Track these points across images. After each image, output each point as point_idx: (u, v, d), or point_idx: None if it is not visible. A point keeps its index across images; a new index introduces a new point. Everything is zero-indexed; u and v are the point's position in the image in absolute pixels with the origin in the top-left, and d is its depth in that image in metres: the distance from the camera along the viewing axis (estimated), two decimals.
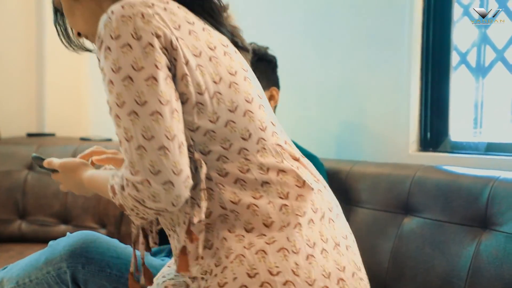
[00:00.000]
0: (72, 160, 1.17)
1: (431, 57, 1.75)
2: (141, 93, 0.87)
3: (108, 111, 0.92)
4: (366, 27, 1.84)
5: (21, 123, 2.89)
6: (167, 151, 0.87)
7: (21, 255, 2.14)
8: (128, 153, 0.88)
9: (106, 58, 0.90)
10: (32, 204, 2.43)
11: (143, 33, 0.89)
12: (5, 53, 2.76)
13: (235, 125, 0.96)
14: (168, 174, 0.86)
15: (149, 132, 0.87)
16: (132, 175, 0.87)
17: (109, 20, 0.90)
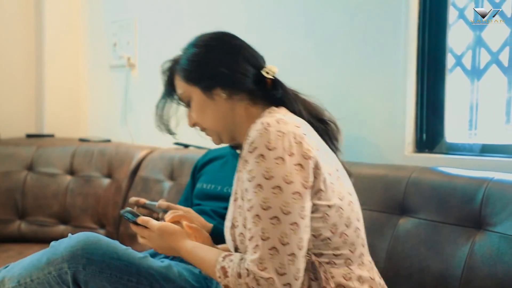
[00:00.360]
0: (172, 225, 1.22)
1: (427, 60, 1.76)
2: (287, 204, 1.01)
3: (247, 206, 1.04)
4: (363, 30, 1.86)
5: (20, 124, 2.91)
6: (295, 258, 1.01)
7: (20, 255, 2.15)
8: (259, 250, 1.01)
9: (258, 164, 1.03)
10: (31, 204, 2.45)
11: (295, 152, 1.04)
12: (5, 54, 2.78)
13: (347, 238, 1.10)
14: (291, 278, 1.01)
15: (286, 238, 1.01)
16: (259, 270, 1.00)
17: (265, 131, 1.04)
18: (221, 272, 1.06)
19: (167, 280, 1.39)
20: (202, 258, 1.13)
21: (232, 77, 1.17)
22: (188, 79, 1.21)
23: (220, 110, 1.19)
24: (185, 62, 1.21)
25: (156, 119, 1.37)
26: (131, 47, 2.76)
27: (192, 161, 2.12)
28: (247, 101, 1.19)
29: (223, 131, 1.22)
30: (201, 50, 1.21)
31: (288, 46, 2.09)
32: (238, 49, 1.20)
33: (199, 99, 1.20)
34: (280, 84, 1.21)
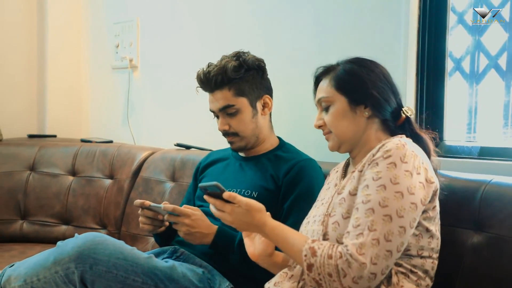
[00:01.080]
0: (258, 202, 1.27)
1: (427, 63, 1.78)
2: (403, 209, 1.13)
3: (363, 199, 1.16)
4: (363, 34, 1.88)
5: (22, 124, 2.93)
6: (390, 256, 1.11)
7: (23, 255, 2.17)
8: (362, 237, 1.11)
9: (388, 169, 1.16)
10: (33, 204, 2.46)
11: (422, 173, 1.17)
12: (7, 55, 2.79)
13: (425, 263, 1.22)
14: (379, 270, 1.10)
15: (391, 236, 1.11)
16: (357, 253, 1.10)
17: (402, 146, 1.18)
18: (309, 251, 1.15)
19: (171, 280, 1.41)
20: (287, 236, 1.22)
21: (380, 102, 1.29)
22: (339, 88, 1.31)
23: (355, 124, 1.31)
24: (343, 72, 1.32)
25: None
26: (133, 49, 2.77)
27: (193, 162, 2.14)
28: (379, 126, 1.32)
29: (348, 142, 1.33)
30: (360, 69, 1.31)
31: (287, 49, 2.12)
32: (390, 82, 1.32)
33: (342, 108, 1.31)
34: (411, 122, 1.33)
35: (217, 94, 1.67)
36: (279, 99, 1.88)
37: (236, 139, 1.70)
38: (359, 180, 1.22)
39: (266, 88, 1.73)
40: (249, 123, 1.68)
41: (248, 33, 2.29)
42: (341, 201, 1.23)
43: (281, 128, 1.87)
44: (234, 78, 1.64)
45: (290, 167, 1.63)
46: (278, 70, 2.08)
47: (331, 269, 1.11)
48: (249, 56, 1.70)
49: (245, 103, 1.67)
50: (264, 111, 1.72)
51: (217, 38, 2.41)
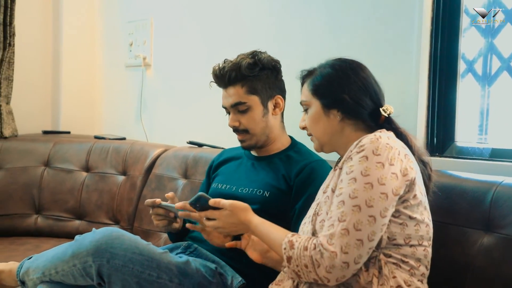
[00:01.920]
0: (241, 202, 1.37)
1: (439, 65, 1.79)
2: (373, 199, 1.16)
3: (337, 193, 1.20)
4: (376, 36, 1.89)
5: (37, 120, 2.96)
6: (361, 245, 1.14)
7: (37, 248, 2.20)
8: (333, 228, 1.15)
9: (360, 162, 1.18)
10: (48, 199, 2.49)
11: (395, 164, 1.19)
12: (23, 53, 2.82)
13: (415, 252, 1.22)
14: (351, 259, 1.13)
15: (360, 225, 1.14)
16: (327, 243, 1.14)
17: (376, 140, 1.20)
18: (288, 244, 1.20)
19: (185, 275, 1.44)
20: (270, 232, 1.30)
21: (352, 106, 1.32)
22: (314, 92, 1.36)
23: (330, 127, 1.35)
24: (319, 78, 1.36)
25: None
26: (147, 47, 2.80)
27: (206, 160, 2.16)
28: (358, 126, 1.34)
29: (328, 143, 1.38)
30: (335, 74, 1.35)
31: (302, 49, 2.13)
32: (366, 85, 1.34)
33: (316, 111, 1.36)
34: (392, 121, 1.35)
35: (230, 90, 1.69)
36: (292, 97, 1.90)
37: (246, 137, 1.71)
38: (339, 176, 1.25)
39: (279, 89, 1.75)
40: (259, 121, 1.70)
41: (262, 32, 2.30)
42: (326, 199, 1.27)
43: (293, 129, 1.89)
44: (247, 75, 1.66)
45: (302, 167, 1.64)
46: (290, 69, 2.10)
47: (306, 260, 1.16)
48: (265, 55, 1.71)
49: (256, 101, 1.69)
50: (275, 111, 1.73)
51: (231, 37, 2.43)
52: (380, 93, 1.37)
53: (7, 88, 2.70)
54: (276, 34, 2.23)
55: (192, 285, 1.45)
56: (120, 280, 1.36)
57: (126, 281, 1.36)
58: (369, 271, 1.18)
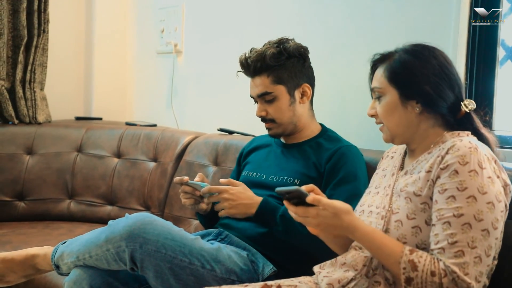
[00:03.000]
0: (346, 204, 1.19)
1: (477, 52, 1.74)
2: (496, 220, 1.11)
3: (454, 213, 1.11)
4: (411, 20, 1.85)
5: (70, 107, 3.00)
6: (487, 267, 1.11)
7: (70, 233, 2.24)
8: (463, 256, 1.08)
9: (471, 178, 1.12)
10: (80, 185, 2.53)
11: (499, 175, 1.15)
12: (56, 41, 2.85)
13: (488, 267, 1.14)
14: (480, 286, 1.10)
15: (489, 250, 1.10)
16: (462, 273, 1.07)
17: (475, 151, 1.14)
18: (409, 264, 1.11)
19: (217, 261, 1.44)
20: (382, 244, 1.16)
21: (433, 98, 1.23)
22: (391, 80, 1.26)
23: (407, 119, 1.26)
24: (397, 64, 1.26)
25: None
26: (178, 34, 2.80)
27: (236, 147, 2.16)
28: (436, 121, 1.26)
29: (400, 136, 1.29)
30: (417, 62, 1.24)
31: (337, 34, 2.10)
32: (448, 76, 1.24)
33: (392, 101, 1.26)
34: (473, 118, 1.27)
35: (256, 80, 1.69)
36: (322, 84, 1.88)
37: (273, 126, 1.71)
38: (427, 182, 1.18)
39: (306, 77, 1.73)
40: (286, 111, 1.69)
41: (292, 19, 2.27)
42: (407, 201, 1.20)
43: (323, 115, 1.87)
44: (273, 65, 1.65)
45: (332, 153, 1.63)
46: (324, 57, 2.07)
47: (434, 287, 1.09)
48: (291, 43, 1.69)
49: (283, 91, 1.68)
50: (303, 99, 1.72)
51: (260, 24, 2.41)
52: (462, 85, 1.28)
53: (41, 74, 2.74)
54: (307, 20, 2.20)
55: (224, 271, 1.45)
56: (153, 265, 1.37)
57: (158, 266, 1.37)
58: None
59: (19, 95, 2.63)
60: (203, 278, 1.42)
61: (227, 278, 1.45)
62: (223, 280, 1.44)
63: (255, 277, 1.50)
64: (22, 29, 2.60)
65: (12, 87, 2.65)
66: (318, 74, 1.79)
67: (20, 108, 2.64)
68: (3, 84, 2.61)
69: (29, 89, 2.67)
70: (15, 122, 2.63)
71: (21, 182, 2.49)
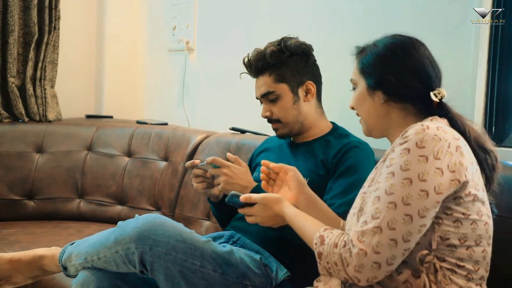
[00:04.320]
0: (273, 194, 1.32)
1: (500, 47, 1.69)
2: (411, 197, 1.06)
3: (374, 188, 1.12)
4: (431, 15, 1.80)
5: (80, 105, 2.99)
6: (395, 245, 1.06)
7: (80, 233, 2.21)
8: (365, 225, 1.08)
9: (401, 155, 1.09)
10: (90, 184, 2.50)
11: (442, 158, 1.08)
12: (67, 38, 2.83)
13: (473, 254, 1.12)
14: (383, 259, 1.05)
15: (394, 224, 1.06)
16: (357, 240, 1.06)
17: (422, 131, 1.09)
18: (319, 239, 1.14)
19: (229, 265, 1.40)
20: (303, 224, 1.22)
21: (396, 88, 1.22)
22: (361, 71, 1.28)
23: (375, 109, 1.26)
24: (368, 56, 1.27)
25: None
26: (190, 31, 2.76)
27: (249, 147, 2.13)
28: (407, 111, 1.24)
29: (374, 127, 1.30)
30: (384, 52, 1.25)
31: (352, 30, 2.06)
32: (417, 66, 1.23)
33: (362, 92, 1.28)
34: (445, 106, 1.23)
35: (260, 80, 1.68)
36: (335, 82, 1.84)
37: (279, 126, 1.69)
38: (380, 170, 1.17)
39: (311, 74, 1.70)
40: (290, 110, 1.66)
41: (305, 17, 2.24)
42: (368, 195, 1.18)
43: (335, 113, 1.83)
44: (274, 63, 1.64)
45: (339, 149, 1.61)
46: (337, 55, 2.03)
47: (336, 258, 1.10)
48: (293, 41, 1.67)
49: (285, 89, 1.66)
50: (307, 97, 1.69)
51: (273, 21, 2.37)
52: (435, 75, 1.24)
53: (52, 71, 2.72)
54: (319, 18, 2.16)
55: (236, 275, 1.41)
56: (163, 268, 1.33)
57: (168, 269, 1.34)
58: (422, 278, 1.08)
59: (30, 92, 2.62)
60: (215, 282, 1.38)
61: (240, 282, 1.41)
62: (236, 284, 1.40)
63: (269, 282, 1.46)
64: (33, 26, 2.59)
65: (23, 84, 2.64)
66: (331, 71, 1.75)
67: (31, 105, 2.62)
68: (14, 82, 2.60)
69: (40, 86, 2.66)
70: (25, 120, 2.62)
71: (31, 180, 2.46)
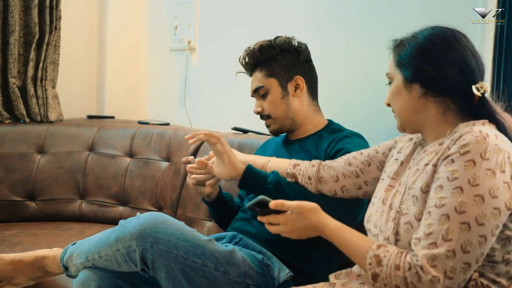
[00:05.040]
0: (309, 202, 1.18)
1: (505, 44, 1.67)
2: (484, 216, 1.00)
3: (437, 203, 1.04)
4: (435, 14, 1.78)
5: (82, 105, 2.97)
6: (468, 269, 1.00)
7: (81, 234, 2.20)
8: (436, 248, 1.00)
9: (466, 168, 1.02)
10: (92, 184, 2.49)
11: (507, 170, 1.03)
12: (68, 38, 2.82)
13: (510, 267, 1.08)
14: (455, 284, 0.99)
15: (469, 247, 0.99)
16: (428, 265, 0.99)
17: (483, 139, 1.04)
18: (374, 259, 1.06)
19: (231, 264, 1.38)
20: (350, 240, 1.13)
21: (435, 80, 1.16)
22: (397, 64, 1.22)
23: (411, 103, 1.20)
24: (406, 48, 1.21)
25: None
26: (191, 30, 2.75)
27: (251, 146, 2.11)
28: (447, 106, 1.18)
29: (408, 122, 1.23)
30: (422, 43, 1.19)
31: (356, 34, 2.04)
32: (457, 57, 1.16)
33: (398, 85, 1.22)
34: (487, 102, 1.17)
35: (253, 77, 1.73)
36: (338, 79, 1.82)
37: (270, 122, 1.72)
38: (432, 176, 1.10)
39: (301, 70, 1.71)
40: (278, 104, 1.69)
41: (307, 16, 2.22)
42: (414, 199, 1.12)
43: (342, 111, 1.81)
44: (263, 59, 1.68)
45: (331, 140, 1.62)
46: (338, 48, 2.01)
47: (398, 282, 1.02)
48: (283, 38, 1.71)
49: (274, 84, 1.69)
50: (296, 92, 1.70)
51: (276, 21, 2.35)
52: (478, 68, 1.17)
53: (53, 72, 2.71)
54: (324, 16, 2.14)
55: (238, 274, 1.39)
56: (164, 266, 1.32)
57: (170, 267, 1.32)
58: None
59: (31, 93, 2.60)
60: (216, 281, 1.36)
61: (242, 282, 1.39)
62: (237, 283, 1.38)
63: (271, 282, 1.44)
64: (34, 26, 2.58)
65: (24, 85, 2.62)
66: (335, 67, 1.74)
67: (32, 106, 2.61)
68: (14, 82, 2.58)
69: (41, 87, 2.64)
70: (27, 120, 2.60)
71: (32, 182, 2.45)
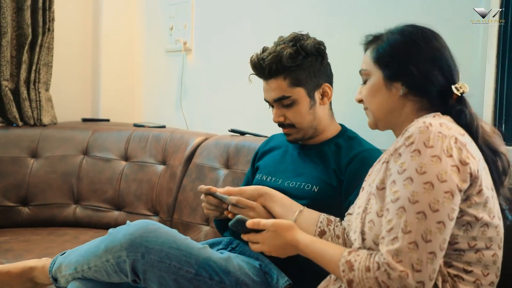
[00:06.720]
0: (284, 220, 1.23)
1: (509, 42, 1.63)
2: (437, 201, 1.00)
3: (392, 198, 1.03)
4: (439, 12, 1.75)
5: (76, 108, 2.94)
6: (434, 258, 0.99)
7: (75, 239, 2.16)
8: (398, 242, 0.99)
9: (412, 158, 1.03)
10: (86, 189, 2.45)
11: (453, 155, 1.03)
12: (62, 39, 2.79)
13: (482, 257, 1.07)
14: (425, 276, 0.98)
15: (429, 236, 0.99)
16: (394, 261, 0.98)
17: (426, 129, 1.04)
18: (346, 265, 1.05)
19: (227, 272, 1.34)
20: (323, 251, 1.13)
21: (418, 80, 1.16)
22: (377, 60, 1.21)
23: (390, 102, 1.20)
24: (385, 45, 1.21)
25: None
26: (187, 31, 2.72)
27: (248, 149, 2.08)
28: (422, 104, 1.18)
29: (383, 120, 1.23)
30: (404, 41, 1.19)
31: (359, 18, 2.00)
32: (438, 57, 1.18)
33: (376, 83, 1.21)
34: (465, 102, 1.18)
35: (272, 83, 1.55)
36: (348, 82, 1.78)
37: (293, 131, 1.59)
38: (385, 172, 1.10)
39: (326, 76, 1.60)
40: (306, 115, 1.56)
41: (307, 13, 2.18)
42: (373, 197, 1.12)
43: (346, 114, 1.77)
44: (290, 66, 1.52)
45: (352, 158, 1.52)
46: (343, 48, 1.97)
47: (371, 283, 1.00)
48: (308, 40, 1.56)
49: (302, 94, 1.55)
50: (323, 100, 1.59)
51: (274, 21, 2.32)
52: (455, 68, 1.19)
53: (46, 74, 2.67)
54: (323, 14, 2.11)
55: (234, 283, 1.35)
56: (156, 277, 1.27)
57: (162, 278, 1.28)
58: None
59: (24, 96, 2.57)
60: None
61: None
62: None
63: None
64: (27, 28, 2.54)
65: (16, 87, 2.58)
66: (341, 66, 1.69)
67: (25, 109, 2.57)
68: (7, 85, 2.55)
69: (34, 89, 2.61)
70: (19, 124, 2.56)
71: (25, 186, 2.41)
